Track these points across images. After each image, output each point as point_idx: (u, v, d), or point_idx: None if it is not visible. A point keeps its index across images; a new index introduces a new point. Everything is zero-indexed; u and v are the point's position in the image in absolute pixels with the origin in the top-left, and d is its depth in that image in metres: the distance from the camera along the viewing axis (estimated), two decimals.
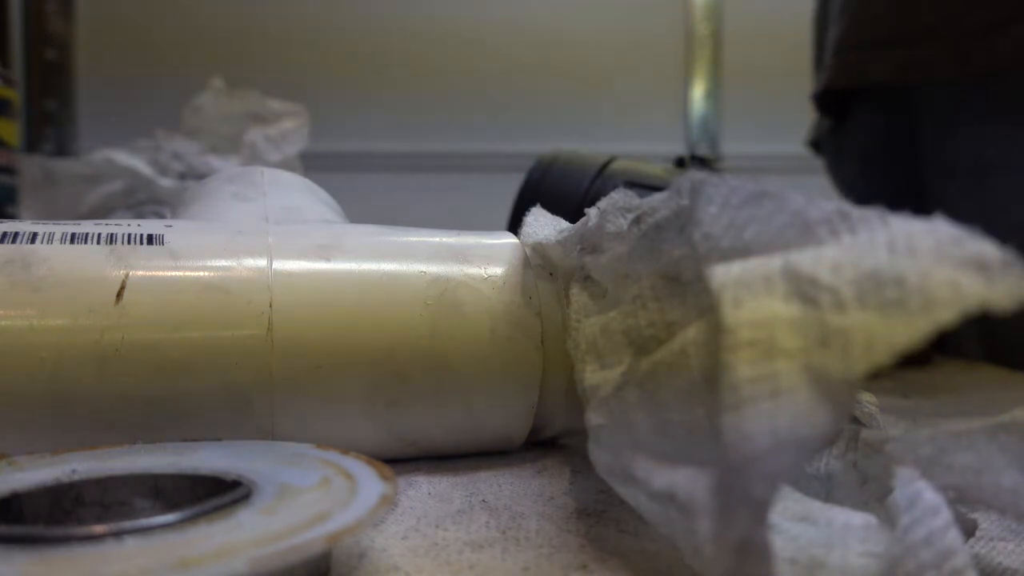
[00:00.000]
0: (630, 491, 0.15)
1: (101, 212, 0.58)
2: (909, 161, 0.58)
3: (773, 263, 0.13)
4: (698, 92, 1.29)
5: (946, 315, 0.11)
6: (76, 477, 0.15)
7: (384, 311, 0.21)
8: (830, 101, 0.62)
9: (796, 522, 0.17)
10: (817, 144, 0.70)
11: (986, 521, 0.17)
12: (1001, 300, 0.11)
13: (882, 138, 0.60)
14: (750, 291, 0.13)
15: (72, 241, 0.20)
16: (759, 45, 1.27)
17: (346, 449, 0.17)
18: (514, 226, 0.40)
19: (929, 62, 0.51)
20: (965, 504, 0.15)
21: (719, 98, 1.28)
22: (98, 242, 0.20)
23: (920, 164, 0.57)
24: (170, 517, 0.13)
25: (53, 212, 0.58)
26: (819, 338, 0.12)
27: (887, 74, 0.54)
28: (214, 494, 0.14)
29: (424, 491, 0.20)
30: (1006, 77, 0.50)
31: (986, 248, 0.11)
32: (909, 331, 0.11)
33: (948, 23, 0.51)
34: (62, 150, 1.03)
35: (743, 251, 0.14)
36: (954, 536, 0.12)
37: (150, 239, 0.21)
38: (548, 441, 0.26)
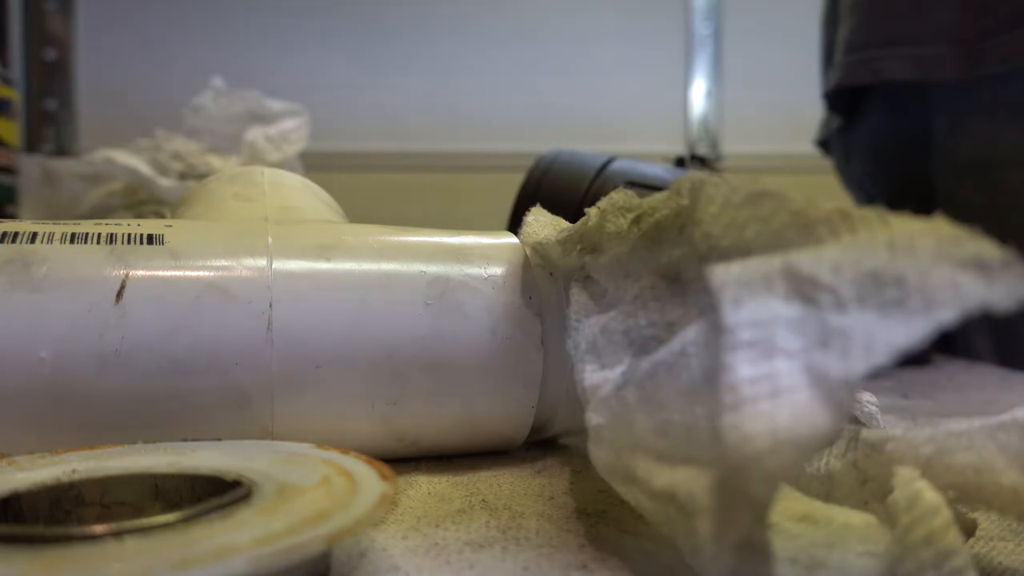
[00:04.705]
0: (630, 491, 0.15)
1: (101, 212, 0.58)
2: (919, 158, 0.58)
3: (773, 263, 0.13)
4: (698, 92, 1.29)
5: (946, 315, 0.11)
6: (76, 477, 0.15)
7: (384, 311, 0.21)
8: (840, 99, 0.62)
9: (796, 522, 0.17)
10: (825, 143, 0.70)
11: (986, 521, 0.17)
12: (1001, 300, 0.11)
13: (892, 136, 0.60)
14: (750, 291, 0.13)
15: (72, 241, 0.20)
16: (759, 45, 1.27)
17: (346, 449, 0.17)
18: (514, 226, 0.40)
19: (943, 60, 0.52)
20: (965, 504, 0.15)
21: (719, 98, 1.28)
22: (98, 242, 0.20)
23: (930, 161, 0.57)
24: (170, 517, 0.13)
25: (53, 212, 0.58)
26: (819, 338, 0.12)
27: (902, 72, 0.54)
28: (214, 494, 0.14)
29: (424, 491, 0.20)
30: (1018, 75, 0.50)
31: (986, 248, 0.11)
32: (909, 331, 0.11)
33: (962, 22, 0.51)
34: (62, 150, 1.03)
35: (743, 251, 0.14)
36: (954, 536, 0.12)
37: (150, 239, 0.21)
38: (548, 441, 0.26)
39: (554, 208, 0.26)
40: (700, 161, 1.09)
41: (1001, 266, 0.11)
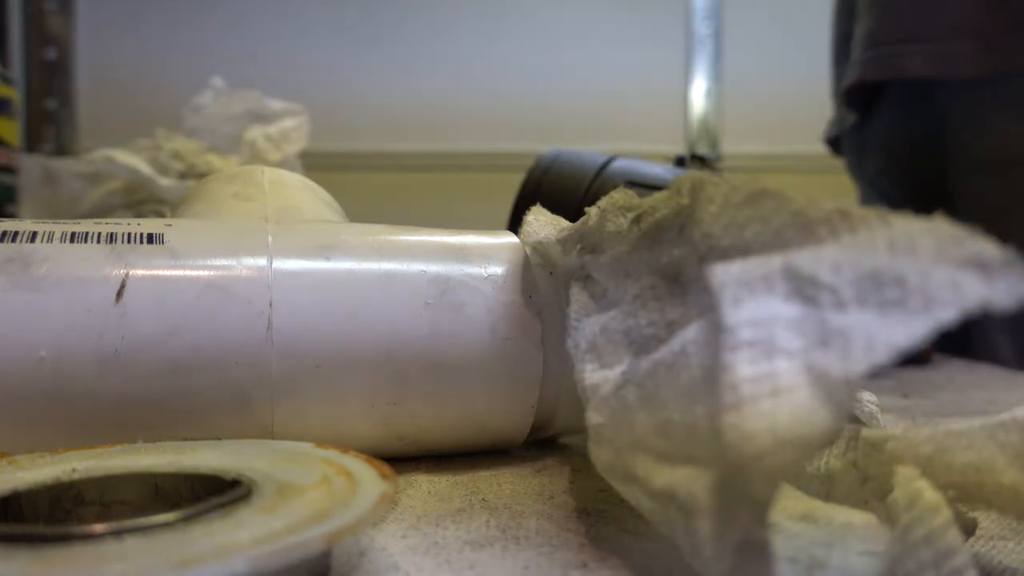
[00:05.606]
0: (630, 490, 0.15)
1: (101, 211, 0.58)
2: (935, 156, 0.57)
3: (773, 262, 0.13)
4: (698, 91, 1.28)
5: (946, 315, 0.11)
6: (76, 476, 0.15)
7: (384, 310, 0.21)
8: (856, 96, 0.62)
9: (796, 521, 0.17)
10: (834, 141, 0.70)
11: (986, 520, 0.17)
12: (1001, 299, 0.11)
13: (908, 133, 0.60)
14: (750, 290, 0.13)
15: (72, 240, 0.20)
16: (760, 44, 1.27)
17: (346, 448, 0.17)
18: (514, 225, 0.40)
19: (963, 57, 0.52)
20: (965, 503, 0.15)
21: (719, 97, 1.28)
22: (98, 241, 0.20)
23: (946, 158, 0.57)
24: (170, 516, 0.13)
25: (53, 211, 0.58)
26: (819, 337, 0.12)
27: (923, 68, 0.54)
28: (214, 493, 0.14)
29: (424, 490, 0.20)
30: None
31: (986, 247, 0.11)
32: (909, 331, 0.11)
33: (981, 19, 0.51)
34: (62, 149, 1.03)
35: (743, 250, 0.14)
36: (954, 535, 0.12)
37: (150, 238, 0.21)
38: (548, 440, 0.26)
39: (554, 207, 0.26)
40: (700, 160, 1.09)
41: (1001, 265, 0.11)
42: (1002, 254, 0.11)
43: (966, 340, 0.53)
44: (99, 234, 0.21)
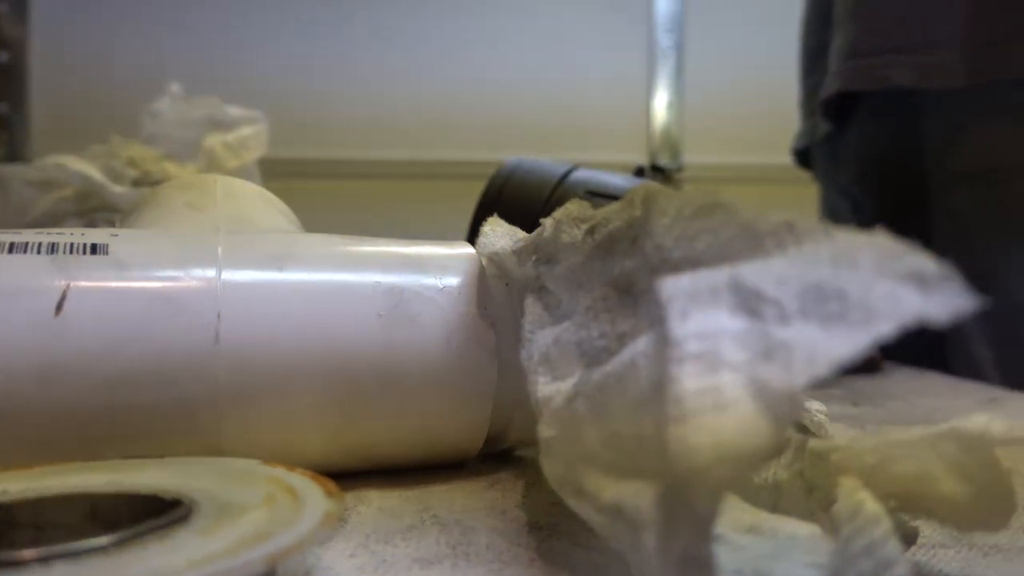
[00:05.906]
0: (581, 504, 0.15)
1: (52, 219, 0.56)
2: (911, 165, 0.58)
3: (720, 276, 0.13)
4: (660, 102, 1.30)
5: (886, 327, 0.11)
6: (7, 498, 0.15)
7: (337, 322, 0.21)
8: (831, 106, 0.62)
9: (743, 533, 0.17)
10: (803, 153, 0.70)
11: (928, 528, 0.18)
12: (937, 313, 0.11)
13: (885, 142, 0.60)
14: (697, 303, 0.13)
15: (11, 251, 0.20)
16: (722, 56, 1.29)
17: (293, 466, 0.17)
18: (475, 234, 0.40)
19: (949, 67, 0.52)
20: (907, 512, 0.15)
21: (680, 108, 1.30)
22: (38, 252, 0.20)
23: (924, 169, 0.57)
24: (103, 540, 0.12)
25: (2, 218, 0.56)
26: (763, 351, 0.12)
27: (908, 79, 0.54)
28: (153, 514, 0.13)
29: (375, 506, 0.20)
30: (1020, 83, 0.51)
31: (924, 262, 0.12)
32: (850, 343, 0.11)
33: (967, 30, 0.52)
34: (14, 155, 1.00)
35: (694, 262, 0.15)
36: (894, 546, 0.12)
37: (94, 248, 0.20)
38: (503, 452, 0.25)
39: (515, 217, 0.26)
40: (659, 171, 1.10)
41: (938, 280, 0.11)
42: (939, 268, 0.12)
43: (942, 350, 0.53)
44: (40, 244, 0.20)
